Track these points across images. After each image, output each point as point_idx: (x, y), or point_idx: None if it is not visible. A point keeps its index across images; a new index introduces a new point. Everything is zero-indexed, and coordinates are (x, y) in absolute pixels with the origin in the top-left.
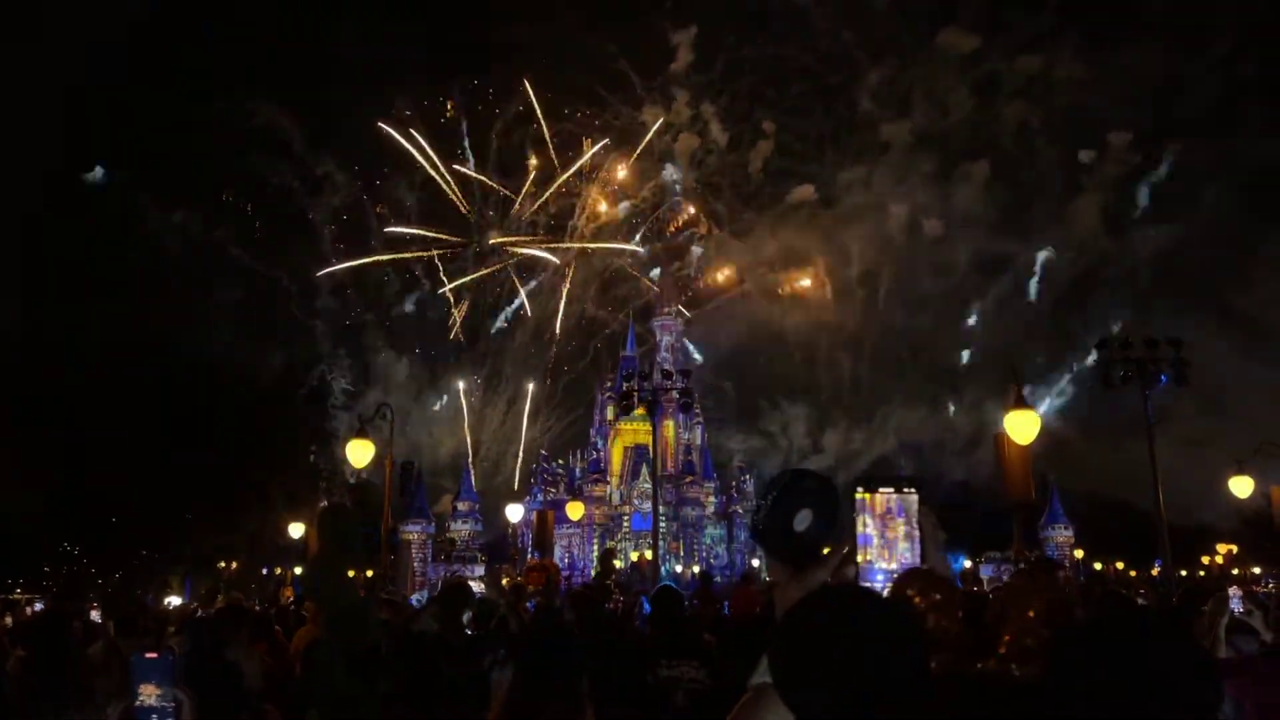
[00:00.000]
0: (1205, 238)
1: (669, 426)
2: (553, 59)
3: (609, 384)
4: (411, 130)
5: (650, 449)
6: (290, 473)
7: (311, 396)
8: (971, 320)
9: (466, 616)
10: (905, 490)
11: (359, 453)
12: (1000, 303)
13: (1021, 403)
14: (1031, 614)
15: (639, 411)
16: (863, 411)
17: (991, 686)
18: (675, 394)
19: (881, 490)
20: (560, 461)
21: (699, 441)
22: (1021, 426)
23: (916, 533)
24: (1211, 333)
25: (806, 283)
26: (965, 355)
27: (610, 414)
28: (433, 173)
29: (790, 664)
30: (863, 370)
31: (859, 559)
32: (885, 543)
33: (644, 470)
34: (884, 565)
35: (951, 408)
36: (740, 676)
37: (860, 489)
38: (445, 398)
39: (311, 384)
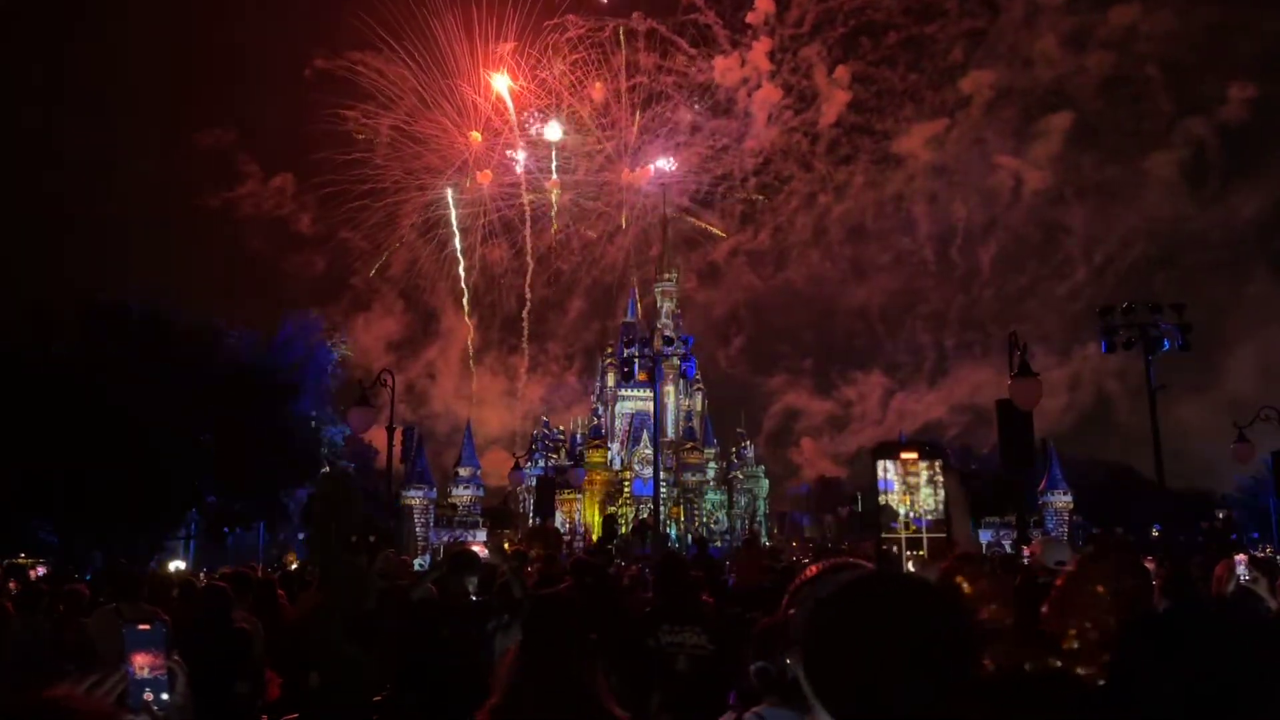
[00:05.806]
0: None
1: (670, 393)
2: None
3: (609, 350)
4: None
5: (652, 415)
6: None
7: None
8: (1044, 296)
9: (472, 583)
10: (928, 456)
11: (360, 420)
12: (1091, 266)
13: (1026, 370)
14: (1095, 606)
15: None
16: (937, 375)
17: (1053, 689)
18: (676, 360)
19: (903, 456)
20: (561, 428)
21: (700, 408)
22: (1025, 393)
23: (941, 492)
24: None
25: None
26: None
27: (611, 380)
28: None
29: (822, 658)
30: (941, 335)
31: (879, 500)
32: (907, 489)
33: (645, 436)
34: (904, 511)
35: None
36: (741, 643)
37: (881, 457)
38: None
39: (323, 344)
